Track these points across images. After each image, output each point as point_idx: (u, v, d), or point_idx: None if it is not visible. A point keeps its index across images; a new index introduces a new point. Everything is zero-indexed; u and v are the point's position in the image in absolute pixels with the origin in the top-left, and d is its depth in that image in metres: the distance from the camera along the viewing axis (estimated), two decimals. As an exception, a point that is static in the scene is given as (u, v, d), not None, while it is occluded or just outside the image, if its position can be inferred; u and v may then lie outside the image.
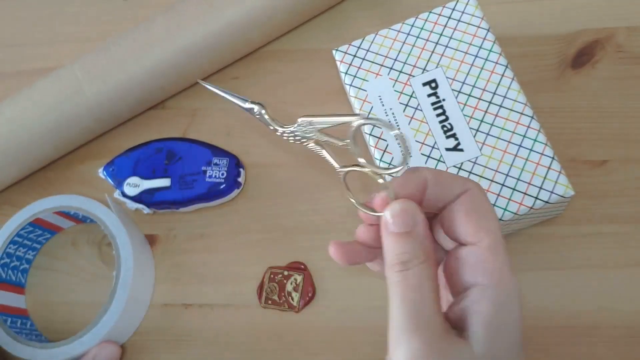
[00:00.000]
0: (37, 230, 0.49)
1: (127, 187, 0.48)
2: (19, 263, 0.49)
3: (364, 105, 0.45)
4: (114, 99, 0.49)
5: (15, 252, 0.49)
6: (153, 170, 0.48)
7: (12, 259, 0.49)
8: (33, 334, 0.47)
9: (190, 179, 0.47)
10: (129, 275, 0.45)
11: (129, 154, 0.49)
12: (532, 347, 0.43)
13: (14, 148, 0.49)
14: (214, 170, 0.47)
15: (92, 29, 0.58)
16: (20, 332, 0.46)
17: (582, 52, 0.50)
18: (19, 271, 0.49)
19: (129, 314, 0.46)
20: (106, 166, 0.49)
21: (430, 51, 0.45)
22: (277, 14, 0.50)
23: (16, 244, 0.48)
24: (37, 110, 0.48)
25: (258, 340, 0.46)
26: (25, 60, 0.57)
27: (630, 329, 0.43)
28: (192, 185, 0.47)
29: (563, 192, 0.40)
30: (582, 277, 0.44)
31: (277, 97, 0.52)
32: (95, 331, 0.44)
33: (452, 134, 0.43)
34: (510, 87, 0.43)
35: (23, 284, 0.50)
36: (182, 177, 0.47)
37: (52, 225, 0.50)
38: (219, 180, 0.47)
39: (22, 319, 0.48)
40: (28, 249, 0.50)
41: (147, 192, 0.47)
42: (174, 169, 0.48)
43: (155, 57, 0.49)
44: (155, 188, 0.47)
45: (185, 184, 0.47)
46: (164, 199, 0.47)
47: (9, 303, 0.48)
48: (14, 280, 0.49)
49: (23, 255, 0.50)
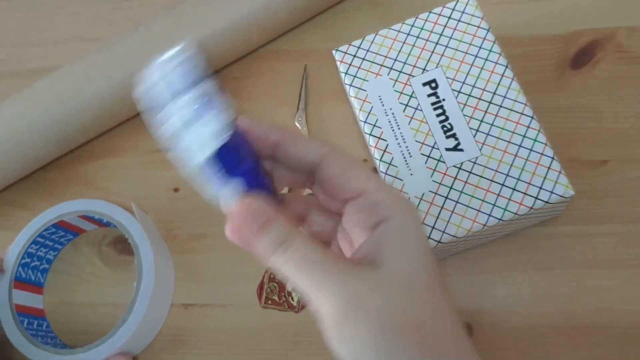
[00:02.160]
0: (60, 232, 0.49)
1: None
2: (39, 263, 0.49)
3: (364, 105, 0.45)
4: (114, 99, 0.49)
5: (36, 252, 0.49)
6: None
7: (33, 259, 0.49)
8: (48, 337, 0.47)
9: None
10: (150, 287, 0.45)
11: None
12: (531, 347, 0.43)
13: (14, 148, 0.49)
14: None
15: (92, 29, 0.58)
16: (36, 334, 0.46)
17: (582, 52, 0.50)
18: (38, 271, 0.49)
19: (147, 326, 0.46)
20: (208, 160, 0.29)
21: (430, 51, 0.45)
22: (277, 14, 0.51)
23: (38, 244, 0.48)
24: (37, 110, 0.48)
25: (258, 340, 0.46)
26: (25, 60, 0.57)
27: (630, 329, 0.43)
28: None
29: (563, 192, 0.40)
30: (582, 277, 0.44)
31: (277, 97, 0.52)
32: (112, 341, 0.44)
33: (452, 134, 0.43)
34: (510, 87, 0.43)
35: (42, 284, 0.50)
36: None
37: (75, 227, 0.50)
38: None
39: (38, 320, 0.48)
40: (50, 250, 0.50)
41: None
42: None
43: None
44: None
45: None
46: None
47: (27, 303, 0.48)
48: (33, 280, 0.49)
49: (44, 256, 0.50)
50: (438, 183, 0.42)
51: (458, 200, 0.41)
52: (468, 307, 0.44)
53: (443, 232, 0.40)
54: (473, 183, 0.41)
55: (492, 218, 0.40)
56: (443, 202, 0.41)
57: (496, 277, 0.45)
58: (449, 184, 0.42)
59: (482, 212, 0.41)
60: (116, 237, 0.50)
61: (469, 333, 0.44)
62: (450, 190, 0.41)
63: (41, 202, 0.52)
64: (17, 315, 0.46)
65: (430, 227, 0.41)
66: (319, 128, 0.51)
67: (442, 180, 0.42)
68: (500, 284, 0.45)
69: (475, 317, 0.44)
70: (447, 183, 0.42)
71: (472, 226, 0.40)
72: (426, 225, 0.41)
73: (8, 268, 0.47)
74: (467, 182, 0.41)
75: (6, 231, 0.51)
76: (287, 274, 0.27)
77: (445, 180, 0.42)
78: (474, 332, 0.44)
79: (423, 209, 0.41)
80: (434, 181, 0.42)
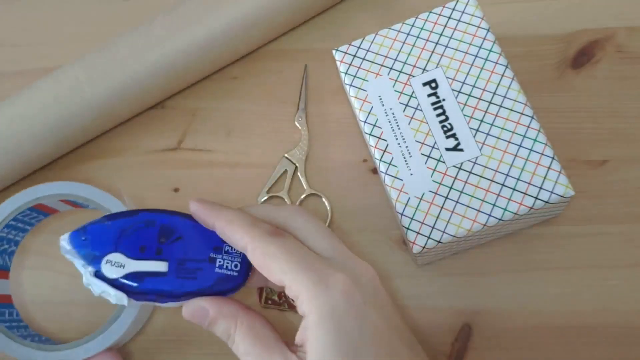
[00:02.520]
0: (33, 214, 0.47)
1: (107, 265, 0.35)
2: (8, 246, 0.47)
3: (364, 105, 0.45)
4: (114, 99, 0.49)
5: (7, 235, 0.46)
6: (142, 247, 0.36)
7: (2, 243, 0.46)
8: (21, 327, 0.45)
9: (192, 267, 0.36)
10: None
11: (109, 222, 0.36)
12: (531, 347, 0.43)
13: (14, 148, 0.49)
14: (226, 259, 0.36)
15: (92, 29, 0.58)
16: (10, 326, 0.43)
17: (582, 52, 0.50)
18: (6, 254, 0.47)
19: (138, 320, 0.44)
20: (75, 233, 0.36)
21: (430, 51, 0.45)
22: (277, 14, 0.51)
23: (10, 227, 0.46)
24: (37, 109, 0.48)
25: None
26: (25, 60, 0.57)
27: (630, 329, 0.43)
28: (194, 275, 0.36)
29: (563, 192, 0.40)
30: (582, 277, 0.44)
31: (277, 97, 0.53)
32: (102, 339, 0.41)
33: (452, 134, 0.43)
34: (510, 87, 0.43)
35: (8, 267, 0.47)
36: (181, 263, 0.36)
37: (50, 209, 0.48)
38: (232, 272, 0.36)
39: (9, 309, 0.45)
40: (19, 231, 0.48)
41: (133, 276, 0.35)
42: (171, 251, 0.36)
43: (155, 56, 0.49)
44: (147, 272, 0.35)
45: (186, 272, 0.35)
46: (156, 287, 0.35)
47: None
48: (1, 264, 0.46)
49: (13, 238, 0.47)
50: (438, 183, 0.42)
51: (458, 200, 0.41)
52: (468, 307, 0.44)
53: (443, 232, 0.40)
54: (473, 183, 0.41)
55: (492, 218, 0.40)
56: (443, 202, 0.41)
57: (496, 277, 0.45)
58: (449, 184, 0.42)
59: (482, 212, 0.41)
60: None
61: (468, 333, 0.44)
62: (450, 190, 0.41)
63: (41, 202, 0.52)
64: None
65: (430, 227, 0.41)
66: (319, 128, 0.51)
67: (442, 180, 0.42)
68: (500, 284, 0.45)
69: (475, 317, 0.44)
70: (447, 183, 0.42)
71: (472, 226, 0.40)
72: (426, 225, 0.41)
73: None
74: (467, 182, 0.41)
75: (6, 231, 0.51)
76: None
77: (445, 180, 0.42)
78: (474, 332, 0.44)
79: (423, 209, 0.41)
80: (434, 181, 0.42)
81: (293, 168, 0.50)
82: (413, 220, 0.41)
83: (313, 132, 0.51)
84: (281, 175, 0.50)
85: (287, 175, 0.50)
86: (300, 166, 0.50)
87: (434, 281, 0.45)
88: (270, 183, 0.50)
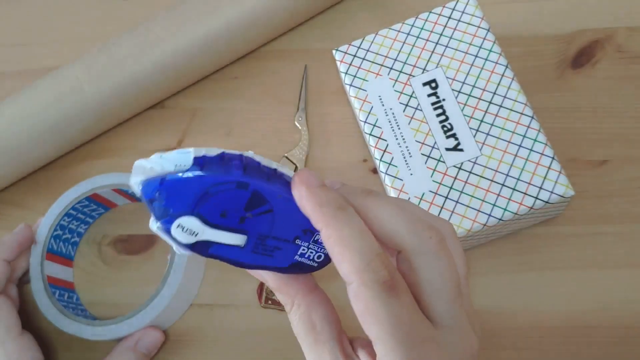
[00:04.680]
0: (92, 205, 0.49)
1: (178, 230, 0.29)
2: (71, 236, 0.49)
3: (364, 105, 0.45)
4: (114, 99, 0.49)
5: (68, 225, 0.48)
6: (223, 212, 0.29)
7: (65, 232, 0.48)
8: (79, 309, 0.47)
9: (272, 244, 0.30)
10: (184, 259, 0.44)
11: (194, 177, 0.28)
12: (531, 347, 0.43)
13: (14, 147, 0.49)
14: (312, 248, 0.31)
15: (92, 29, 0.58)
16: (67, 306, 0.46)
17: (582, 52, 0.50)
18: (69, 244, 0.49)
19: (179, 300, 0.45)
20: (149, 183, 0.28)
21: (430, 51, 0.45)
22: (277, 14, 0.51)
23: (70, 217, 0.48)
24: (37, 109, 0.48)
25: (258, 339, 0.46)
26: (25, 60, 0.57)
27: (630, 329, 0.43)
28: (272, 253, 0.31)
29: (563, 192, 0.40)
30: (582, 277, 0.44)
31: (277, 97, 0.53)
32: (144, 314, 0.44)
33: (452, 134, 0.43)
34: (510, 87, 0.43)
35: (72, 257, 0.50)
36: (262, 239, 0.30)
37: (107, 201, 0.50)
38: (311, 263, 0.31)
39: (69, 292, 0.48)
40: (81, 223, 0.50)
41: (204, 243, 0.29)
42: (256, 224, 0.30)
43: (155, 56, 0.49)
44: (220, 242, 0.30)
45: (264, 249, 0.30)
46: (228, 256, 0.30)
47: (59, 275, 0.48)
48: (64, 253, 0.49)
49: (75, 229, 0.49)
50: (438, 183, 0.42)
51: (458, 200, 0.41)
52: (468, 307, 0.44)
53: (443, 232, 0.40)
54: (473, 183, 0.41)
55: (492, 218, 0.40)
56: (443, 202, 0.41)
57: (496, 277, 0.45)
58: (449, 184, 0.42)
59: (482, 212, 0.41)
60: (116, 237, 0.50)
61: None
62: (450, 190, 0.41)
63: (41, 201, 0.52)
64: (49, 287, 0.45)
65: (430, 227, 0.41)
66: (319, 128, 0.51)
67: (442, 180, 0.42)
68: (501, 284, 0.45)
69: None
70: (447, 183, 0.42)
71: (472, 226, 0.40)
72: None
73: (40, 240, 0.47)
74: (467, 182, 0.41)
75: (6, 231, 0.51)
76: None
77: (445, 180, 0.42)
78: (474, 332, 0.44)
79: (423, 208, 0.41)
80: (434, 181, 0.42)
81: (293, 168, 0.50)
82: (413, 220, 0.41)
83: (313, 132, 0.51)
84: (281, 175, 0.50)
85: (287, 175, 0.50)
86: (300, 166, 0.50)
87: (434, 281, 0.45)
88: (270, 183, 0.50)
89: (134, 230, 0.50)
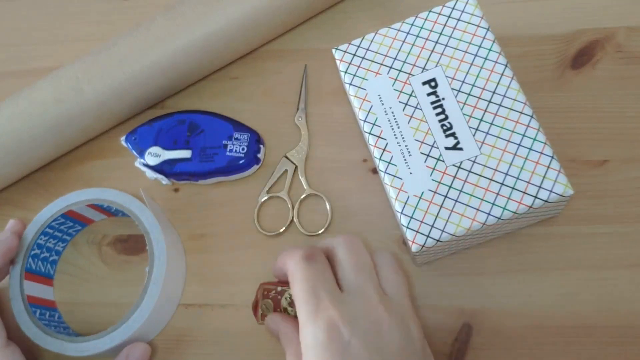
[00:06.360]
0: (69, 222, 0.49)
1: (149, 156, 0.48)
2: (49, 254, 0.49)
3: (364, 104, 0.45)
4: (114, 99, 0.49)
5: (45, 244, 0.48)
6: (174, 141, 0.49)
7: (42, 250, 0.48)
8: (61, 327, 0.47)
9: (211, 152, 0.48)
10: (162, 272, 0.44)
11: (152, 123, 0.50)
12: (531, 347, 0.43)
13: (14, 147, 0.49)
14: (235, 144, 0.48)
15: (92, 29, 0.58)
16: (49, 324, 0.46)
17: (582, 52, 0.50)
18: (48, 263, 0.49)
19: (160, 311, 0.45)
20: (129, 135, 0.50)
21: (429, 50, 0.45)
22: (277, 14, 0.51)
23: (47, 235, 0.48)
24: (37, 109, 0.49)
25: (258, 340, 0.46)
26: (26, 60, 0.58)
27: (630, 329, 0.42)
28: (212, 159, 0.48)
29: (562, 191, 0.40)
30: (582, 277, 0.44)
31: (277, 97, 0.53)
32: (126, 327, 0.44)
33: (451, 133, 0.43)
34: (510, 86, 0.43)
35: (52, 276, 0.50)
36: (203, 150, 0.48)
37: (83, 217, 0.50)
38: (239, 154, 0.48)
39: (50, 311, 0.48)
40: (59, 241, 0.50)
41: (167, 163, 0.48)
42: (196, 141, 0.48)
43: (155, 56, 0.49)
44: (176, 159, 0.48)
45: (206, 157, 0.48)
46: (184, 170, 0.48)
47: (38, 294, 0.48)
48: (43, 272, 0.49)
49: (53, 247, 0.49)
50: (437, 182, 0.42)
51: (457, 199, 0.41)
52: (468, 307, 0.44)
53: (442, 230, 0.40)
54: (472, 182, 0.41)
55: (491, 217, 0.40)
56: (442, 201, 0.41)
57: (496, 277, 0.45)
58: (449, 183, 0.42)
59: (482, 211, 0.40)
60: (116, 237, 0.50)
61: (468, 333, 0.44)
62: (450, 189, 0.41)
63: (40, 202, 0.52)
64: (29, 307, 0.45)
65: (429, 226, 0.41)
66: (319, 128, 0.51)
67: (441, 179, 0.42)
68: (500, 284, 0.45)
69: (475, 317, 0.44)
70: (446, 182, 0.42)
71: (472, 225, 0.40)
72: (425, 223, 0.41)
73: (19, 259, 0.47)
74: (466, 181, 0.41)
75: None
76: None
77: (445, 179, 0.42)
78: (473, 332, 0.44)
79: (422, 207, 0.41)
80: (433, 180, 0.42)
81: (293, 168, 0.50)
82: (412, 218, 0.41)
83: (313, 132, 0.51)
84: (281, 176, 0.50)
85: (287, 175, 0.50)
86: (300, 166, 0.50)
87: (433, 281, 0.45)
88: (270, 183, 0.50)
89: (133, 230, 0.50)
